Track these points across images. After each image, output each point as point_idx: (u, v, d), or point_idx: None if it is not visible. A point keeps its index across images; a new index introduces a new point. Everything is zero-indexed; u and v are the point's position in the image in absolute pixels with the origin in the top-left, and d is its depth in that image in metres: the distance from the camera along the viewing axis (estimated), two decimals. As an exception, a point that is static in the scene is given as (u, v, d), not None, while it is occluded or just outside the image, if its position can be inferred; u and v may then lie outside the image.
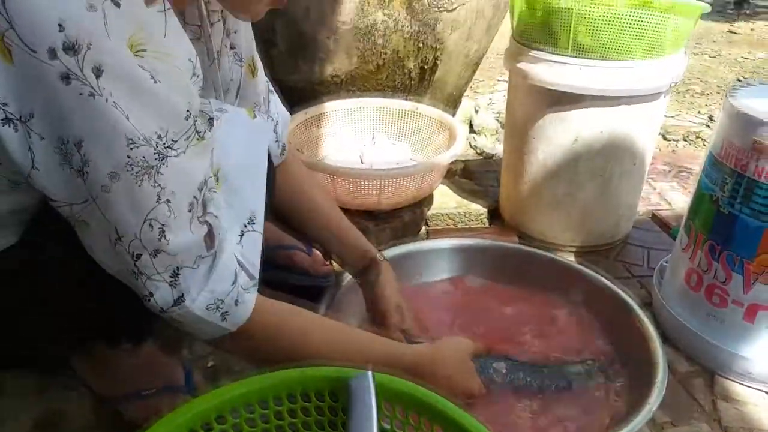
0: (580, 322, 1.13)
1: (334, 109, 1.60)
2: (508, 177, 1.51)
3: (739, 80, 3.11)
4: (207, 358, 1.04)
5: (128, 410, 0.90)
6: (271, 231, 1.27)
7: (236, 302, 0.66)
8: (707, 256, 1.08)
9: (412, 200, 1.43)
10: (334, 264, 1.30)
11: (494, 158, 1.96)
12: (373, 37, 1.58)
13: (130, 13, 0.55)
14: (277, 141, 0.97)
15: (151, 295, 0.63)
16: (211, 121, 0.66)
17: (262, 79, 0.94)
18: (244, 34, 0.88)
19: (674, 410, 1.00)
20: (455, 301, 1.19)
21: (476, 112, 2.23)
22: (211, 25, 0.81)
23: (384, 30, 1.57)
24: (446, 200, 1.58)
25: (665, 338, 1.11)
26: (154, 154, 0.56)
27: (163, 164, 0.57)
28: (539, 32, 1.28)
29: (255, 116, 0.77)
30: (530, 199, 1.45)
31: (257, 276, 0.70)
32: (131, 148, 0.55)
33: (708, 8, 1.27)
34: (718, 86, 3.00)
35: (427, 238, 1.45)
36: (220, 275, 0.65)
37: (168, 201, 0.59)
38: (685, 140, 2.26)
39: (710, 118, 2.50)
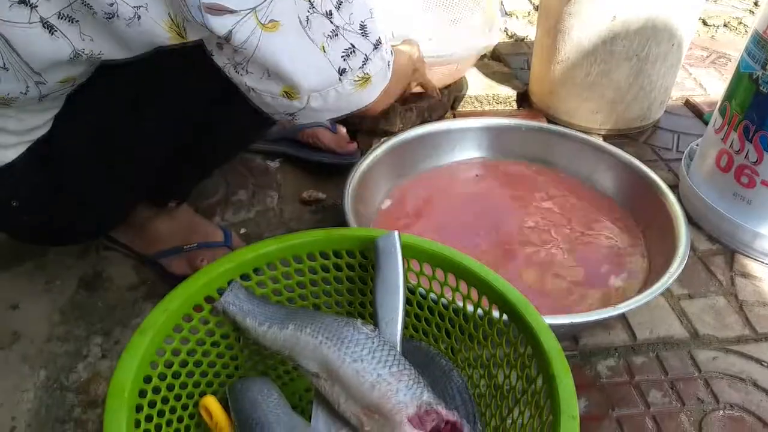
0: (602, 197, 1.16)
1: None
2: (540, 58, 1.46)
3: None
4: (239, 226, 1.08)
5: (170, 264, 0.94)
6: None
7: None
8: (741, 137, 1.06)
9: (440, 84, 1.40)
10: (359, 142, 1.31)
11: (525, 41, 1.89)
12: None
13: None
14: None
15: None
16: None
17: None
18: None
19: (692, 284, 1.02)
20: (482, 182, 1.20)
21: (508, -7, 2.13)
22: None
23: None
24: (474, 83, 1.55)
25: (690, 219, 1.12)
26: None
27: None
28: None
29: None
30: (562, 81, 1.41)
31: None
32: None
33: None
34: (768, -31, 2.80)
35: (453, 118, 1.44)
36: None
37: None
38: (725, 26, 2.14)
39: (755, 3, 2.35)
